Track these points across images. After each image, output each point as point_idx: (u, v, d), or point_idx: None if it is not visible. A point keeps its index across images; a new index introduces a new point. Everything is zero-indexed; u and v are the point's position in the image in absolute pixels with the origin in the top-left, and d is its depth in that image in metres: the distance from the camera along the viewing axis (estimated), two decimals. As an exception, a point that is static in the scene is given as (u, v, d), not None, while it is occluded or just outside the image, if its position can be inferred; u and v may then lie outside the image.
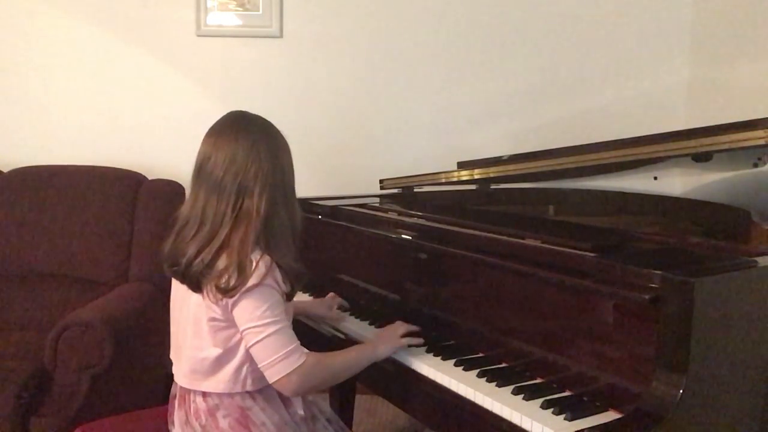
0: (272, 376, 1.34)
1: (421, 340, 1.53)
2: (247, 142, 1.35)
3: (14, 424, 1.92)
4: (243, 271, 1.30)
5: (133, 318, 2.23)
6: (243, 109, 1.46)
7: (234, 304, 1.33)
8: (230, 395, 1.39)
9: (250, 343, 1.33)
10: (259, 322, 1.32)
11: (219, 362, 1.38)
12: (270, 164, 1.36)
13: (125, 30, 2.86)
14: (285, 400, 1.45)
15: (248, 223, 1.33)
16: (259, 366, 1.35)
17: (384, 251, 1.84)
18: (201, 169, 1.37)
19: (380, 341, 1.52)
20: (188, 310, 1.40)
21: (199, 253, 1.33)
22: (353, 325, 1.74)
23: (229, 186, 1.33)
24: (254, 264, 1.31)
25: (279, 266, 1.36)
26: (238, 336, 1.36)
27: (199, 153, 1.39)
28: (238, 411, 1.39)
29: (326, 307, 1.79)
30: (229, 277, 1.30)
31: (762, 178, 1.89)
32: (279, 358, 1.32)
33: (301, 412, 1.45)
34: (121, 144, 2.89)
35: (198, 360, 1.39)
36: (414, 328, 1.56)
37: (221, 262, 1.32)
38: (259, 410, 1.40)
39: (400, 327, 1.55)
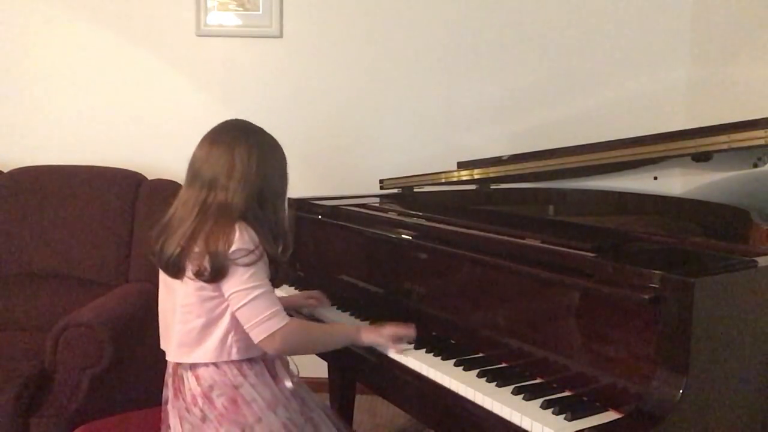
0: (258, 335, 1.41)
1: (407, 341, 1.52)
2: (223, 145, 1.45)
3: (14, 424, 1.92)
4: (216, 260, 1.37)
5: (133, 318, 2.23)
6: (238, 118, 1.54)
7: None
8: (222, 372, 1.45)
9: (237, 306, 1.41)
10: (245, 286, 1.40)
11: (204, 331, 1.44)
12: (245, 165, 1.43)
13: (125, 30, 2.86)
14: (274, 377, 1.51)
15: (218, 216, 1.40)
16: (245, 327, 1.42)
17: (384, 251, 1.84)
18: (188, 170, 1.48)
19: (366, 329, 1.58)
20: (175, 290, 1.46)
21: (171, 240, 1.42)
22: (330, 314, 1.80)
23: (200, 181, 1.44)
24: (234, 234, 1.39)
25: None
26: (222, 306, 1.44)
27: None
28: (230, 389, 1.44)
29: (303, 297, 1.87)
30: (206, 265, 1.37)
31: (762, 178, 1.89)
32: (264, 318, 1.40)
33: (289, 384, 1.52)
34: (121, 144, 2.89)
35: (185, 332, 1.45)
36: (407, 333, 1.53)
37: (196, 248, 1.39)
38: (250, 387, 1.45)
39: (389, 327, 1.54)
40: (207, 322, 1.44)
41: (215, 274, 1.38)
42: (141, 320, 2.30)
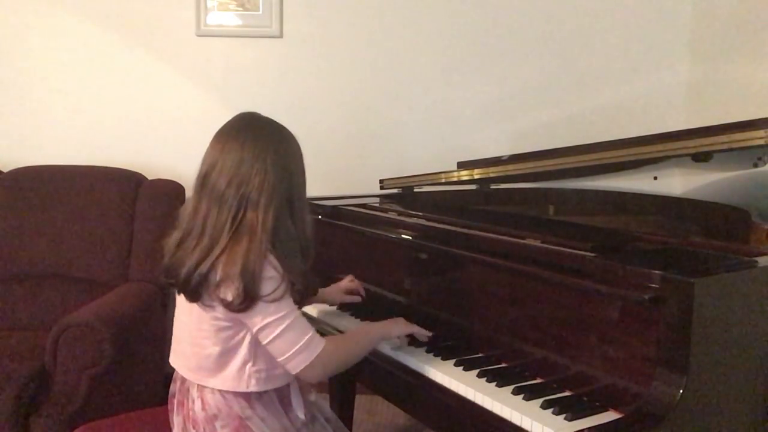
0: (295, 367, 1.33)
1: (427, 334, 1.53)
2: (254, 150, 1.32)
3: (14, 424, 1.92)
4: (250, 286, 1.27)
5: (133, 318, 2.23)
6: (252, 111, 1.42)
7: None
8: (228, 403, 1.38)
9: (267, 340, 1.32)
10: (272, 318, 1.30)
11: (220, 360, 1.37)
12: (277, 174, 1.32)
13: (125, 30, 2.86)
14: (285, 406, 1.44)
15: (251, 236, 1.29)
16: (279, 360, 1.34)
17: (384, 251, 1.84)
18: (205, 177, 1.34)
19: (392, 322, 1.53)
20: (192, 310, 1.38)
21: (198, 264, 1.30)
22: (352, 324, 1.74)
23: (231, 197, 1.30)
24: (265, 267, 1.29)
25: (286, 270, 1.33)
26: (238, 337, 1.36)
27: (205, 159, 1.35)
28: (236, 420, 1.37)
29: (340, 292, 1.80)
30: (234, 291, 1.27)
31: (762, 178, 1.89)
32: (300, 348, 1.32)
33: (302, 416, 1.44)
34: (121, 144, 2.89)
35: (203, 357, 1.38)
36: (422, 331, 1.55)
37: (217, 274, 1.29)
38: (259, 420, 1.38)
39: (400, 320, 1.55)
40: (222, 351, 1.36)
41: (245, 306, 1.28)
42: (141, 320, 2.30)
